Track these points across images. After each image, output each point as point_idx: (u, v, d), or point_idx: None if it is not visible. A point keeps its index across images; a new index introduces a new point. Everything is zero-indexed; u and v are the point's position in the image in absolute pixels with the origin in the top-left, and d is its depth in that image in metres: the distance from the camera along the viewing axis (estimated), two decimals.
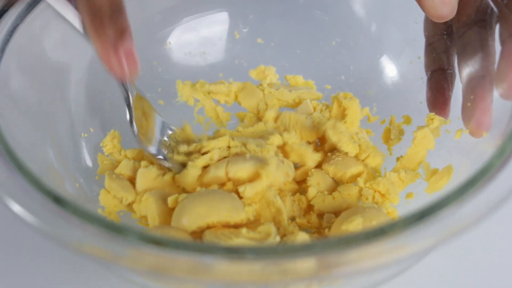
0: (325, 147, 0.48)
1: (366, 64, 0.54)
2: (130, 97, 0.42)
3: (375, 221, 0.39)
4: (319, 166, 0.47)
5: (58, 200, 0.33)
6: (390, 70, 0.53)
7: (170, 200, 0.42)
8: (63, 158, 0.44)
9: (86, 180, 0.45)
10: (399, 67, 0.53)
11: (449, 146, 0.45)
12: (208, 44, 0.54)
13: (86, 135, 0.47)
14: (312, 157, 0.46)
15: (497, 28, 0.44)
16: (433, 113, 0.46)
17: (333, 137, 0.46)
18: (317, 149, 0.48)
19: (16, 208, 0.32)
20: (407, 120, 0.50)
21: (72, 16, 0.37)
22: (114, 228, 0.31)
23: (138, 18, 0.45)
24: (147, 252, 0.30)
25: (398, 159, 0.47)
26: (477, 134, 0.42)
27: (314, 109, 0.51)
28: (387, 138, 0.50)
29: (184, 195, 0.42)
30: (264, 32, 0.55)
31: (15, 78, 0.42)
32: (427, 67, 0.49)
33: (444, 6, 0.41)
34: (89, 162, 0.47)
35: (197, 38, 0.54)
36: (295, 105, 0.52)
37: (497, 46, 0.43)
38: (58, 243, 0.32)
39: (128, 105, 0.42)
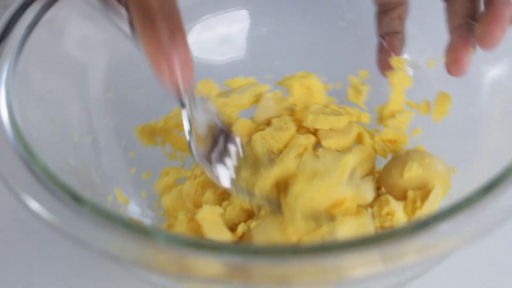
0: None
1: None
2: (188, 113, 0.36)
3: (427, 160, 0.42)
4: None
5: (78, 199, 0.32)
6: None
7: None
8: (81, 157, 0.43)
9: (103, 179, 0.44)
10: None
11: (427, 79, 0.49)
12: (226, 43, 0.54)
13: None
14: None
15: None
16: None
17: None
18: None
19: (35, 205, 0.32)
20: None
21: (120, 19, 0.33)
22: (140, 230, 0.30)
23: None
24: (175, 254, 0.29)
25: (382, 108, 0.49)
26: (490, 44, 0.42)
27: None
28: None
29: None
30: (284, 31, 0.54)
31: (34, 73, 0.42)
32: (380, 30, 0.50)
33: None
34: (105, 160, 0.46)
35: (216, 36, 0.54)
36: None
37: None
38: (77, 243, 0.31)
39: (186, 120, 0.37)
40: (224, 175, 0.39)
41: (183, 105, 0.35)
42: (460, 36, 0.44)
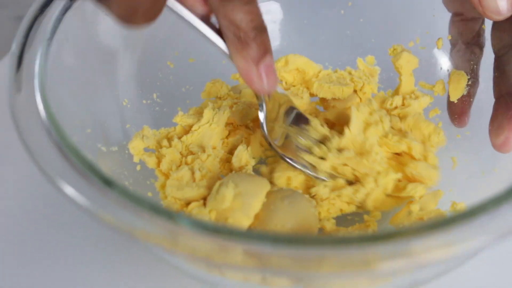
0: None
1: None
2: (264, 108, 0.44)
3: None
4: None
5: (110, 183, 0.33)
6: None
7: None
8: (109, 142, 0.44)
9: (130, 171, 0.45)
10: None
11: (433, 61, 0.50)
12: None
13: (128, 125, 0.48)
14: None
15: None
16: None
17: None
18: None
19: (69, 190, 0.33)
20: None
21: (214, 36, 0.39)
22: (168, 214, 0.31)
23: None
24: (201, 240, 0.30)
25: (393, 93, 0.50)
26: (504, 150, 0.42)
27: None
28: None
29: None
30: (314, 22, 0.55)
31: (66, 59, 0.43)
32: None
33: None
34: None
35: None
36: None
37: None
38: (109, 226, 0.32)
39: (262, 114, 0.44)
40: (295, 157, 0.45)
41: (262, 105, 0.44)
42: (505, 108, 0.43)
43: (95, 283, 0.44)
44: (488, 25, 0.46)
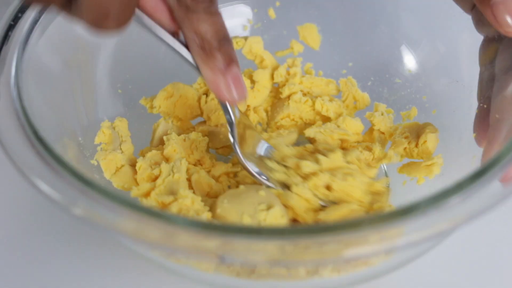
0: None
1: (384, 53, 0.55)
2: (233, 120, 0.44)
3: None
4: None
5: (88, 182, 0.34)
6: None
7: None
8: (85, 137, 0.45)
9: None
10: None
11: None
12: None
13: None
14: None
15: None
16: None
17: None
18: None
19: (44, 187, 0.34)
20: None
21: (183, 50, 0.40)
22: (159, 215, 0.33)
23: None
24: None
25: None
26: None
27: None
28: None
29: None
30: (286, 23, 0.56)
31: (45, 55, 0.44)
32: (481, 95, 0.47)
33: None
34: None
35: None
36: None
37: None
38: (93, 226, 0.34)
39: (231, 127, 0.44)
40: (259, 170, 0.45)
41: (231, 114, 0.44)
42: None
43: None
44: None
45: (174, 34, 0.40)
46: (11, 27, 0.42)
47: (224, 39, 0.39)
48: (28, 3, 0.42)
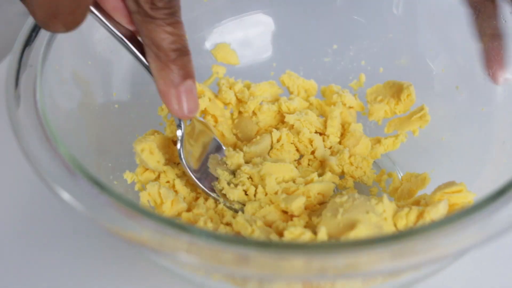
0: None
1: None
2: (181, 132, 0.44)
3: None
4: None
5: (105, 189, 0.34)
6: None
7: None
8: (105, 152, 0.45)
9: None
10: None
11: None
12: (246, 45, 0.56)
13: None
14: None
15: None
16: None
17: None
18: None
19: (66, 196, 0.34)
20: None
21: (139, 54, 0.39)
22: (177, 226, 0.33)
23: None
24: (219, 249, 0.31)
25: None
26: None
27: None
28: None
29: None
30: (302, 34, 0.56)
31: (65, 67, 0.44)
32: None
33: None
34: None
35: (235, 40, 0.55)
36: None
37: None
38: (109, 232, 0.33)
39: (181, 141, 0.44)
40: (208, 185, 0.46)
41: (181, 127, 0.44)
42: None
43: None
44: None
45: (132, 36, 0.39)
46: (34, 29, 0.42)
47: (180, 50, 0.37)
48: None
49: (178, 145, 0.44)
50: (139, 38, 0.39)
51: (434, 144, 0.51)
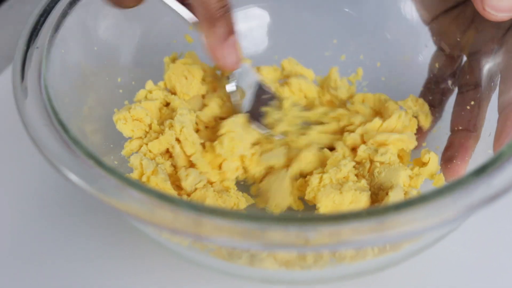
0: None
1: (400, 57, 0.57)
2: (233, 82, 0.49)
3: None
4: None
5: (111, 170, 0.36)
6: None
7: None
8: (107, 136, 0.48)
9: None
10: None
11: None
12: (244, 38, 0.56)
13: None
14: None
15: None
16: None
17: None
18: None
19: (73, 177, 0.36)
20: None
21: (183, 11, 0.44)
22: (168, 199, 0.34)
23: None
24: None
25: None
26: (450, 178, 0.45)
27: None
28: None
29: None
30: (296, 26, 0.58)
31: (71, 53, 0.46)
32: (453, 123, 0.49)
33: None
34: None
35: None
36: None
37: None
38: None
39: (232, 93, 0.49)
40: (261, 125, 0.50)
41: (229, 78, 0.49)
42: (459, 142, 0.46)
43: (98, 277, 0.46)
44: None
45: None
46: (37, 24, 0.44)
47: (225, 8, 0.42)
48: None
49: (233, 97, 0.49)
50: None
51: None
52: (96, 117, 0.47)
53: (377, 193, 0.45)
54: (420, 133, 0.51)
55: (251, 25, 0.58)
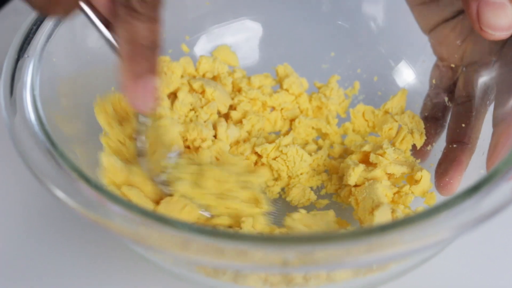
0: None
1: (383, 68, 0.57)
2: (141, 129, 0.43)
3: None
4: None
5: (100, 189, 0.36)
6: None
7: None
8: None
9: None
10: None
11: None
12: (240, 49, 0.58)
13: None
14: None
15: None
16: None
17: None
18: None
19: (60, 194, 0.36)
20: None
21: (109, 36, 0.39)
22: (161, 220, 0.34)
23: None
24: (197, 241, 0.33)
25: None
26: (444, 193, 0.45)
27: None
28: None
29: None
30: (288, 38, 0.58)
31: (61, 67, 0.46)
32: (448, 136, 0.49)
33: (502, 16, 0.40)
34: None
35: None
36: None
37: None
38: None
39: (139, 136, 0.43)
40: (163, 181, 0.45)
41: (139, 122, 0.43)
42: (453, 156, 0.46)
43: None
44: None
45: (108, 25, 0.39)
46: (27, 38, 0.44)
47: (153, 46, 0.38)
48: None
49: (138, 141, 0.44)
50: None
51: None
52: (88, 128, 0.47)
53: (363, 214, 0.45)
54: (415, 149, 0.50)
55: (244, 38, 0.58)
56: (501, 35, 0.40)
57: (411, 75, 0.56)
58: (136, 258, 0.46)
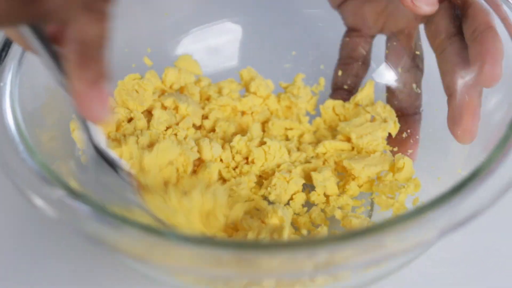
0: None
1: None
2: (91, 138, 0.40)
3: None
4: None
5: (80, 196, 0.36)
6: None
7: None
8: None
9: None
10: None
11: None
12: (215, 53, 0.58)
13: None
14: None
15: None
16: None
17: None
18: None
19: (39, 202, 0.36)
20: None
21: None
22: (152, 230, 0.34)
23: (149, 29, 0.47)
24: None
25: None
26: (465, 140, 0.44)
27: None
28: None
29: None
30: (271, 41, 0.59)
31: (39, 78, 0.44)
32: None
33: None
34: None
35: (204, 48, 0.58)
36: None
37: None
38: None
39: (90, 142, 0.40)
40: None
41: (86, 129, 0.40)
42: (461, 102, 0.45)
43: None
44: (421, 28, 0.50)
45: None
46: (4, 48, 0.43)
47: (104, 49, 0.34)
48: None
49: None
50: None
51: None
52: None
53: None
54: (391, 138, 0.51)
55: (224, 40, 0.58)
56: (429, 9, 0.44)
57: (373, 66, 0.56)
58: (125, 268, 0.47)
